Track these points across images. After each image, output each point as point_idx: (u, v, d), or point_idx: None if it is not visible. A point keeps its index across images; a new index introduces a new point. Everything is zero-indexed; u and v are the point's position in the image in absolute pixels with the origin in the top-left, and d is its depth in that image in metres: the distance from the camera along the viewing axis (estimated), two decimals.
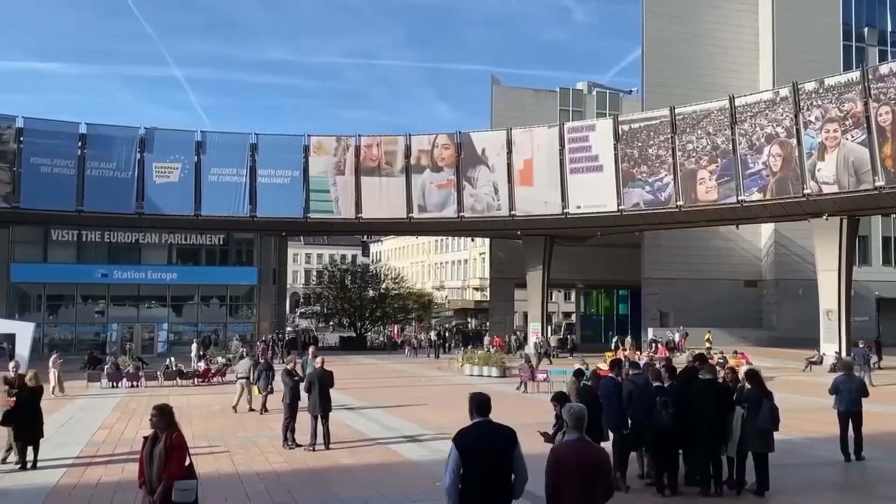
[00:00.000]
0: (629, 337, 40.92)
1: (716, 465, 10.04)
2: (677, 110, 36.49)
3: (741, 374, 11.13)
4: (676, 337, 40.93)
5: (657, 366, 12.86)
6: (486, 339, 44.37)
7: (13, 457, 12.04)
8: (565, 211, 39.50)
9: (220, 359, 31.49)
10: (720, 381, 10.88)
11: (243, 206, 42.29)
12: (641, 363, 15.08)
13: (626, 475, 10.38)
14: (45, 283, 42.58)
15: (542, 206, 40.06)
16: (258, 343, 38.03)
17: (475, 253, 76.25)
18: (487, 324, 53.54)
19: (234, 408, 18.75)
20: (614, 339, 41.52)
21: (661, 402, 9.84)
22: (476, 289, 75.70)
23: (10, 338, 29.46)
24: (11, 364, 14.53)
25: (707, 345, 36.10)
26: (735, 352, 31.04)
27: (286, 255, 51.93)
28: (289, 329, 53.51)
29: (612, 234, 44.02)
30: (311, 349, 14.63)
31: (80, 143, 40.42)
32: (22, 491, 10.53)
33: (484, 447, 5.48)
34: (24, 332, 28.29)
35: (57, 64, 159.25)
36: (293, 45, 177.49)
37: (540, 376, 24.62)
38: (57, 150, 39.90)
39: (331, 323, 56.55)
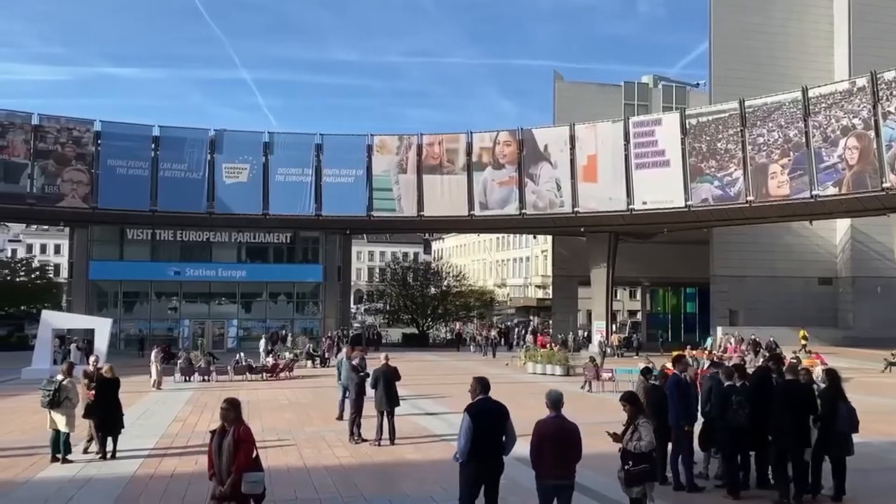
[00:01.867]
0: (710, 338, 40.14)
1: (800, 471, 9.56)
2: (747, 103, 35.43)
3: (815, 376, 10.74)
4: (732, 342, 39.27)
5: (728, 365, 12.53)
6: (529, 338, 42.91)
7: (94, 447, 12.58)
8: (630, 207, 38.84)
9: (287, 354, 32.20)
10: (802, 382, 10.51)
11: (309, 205, 43.13)
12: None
13: (690, 474, 10.11)
14: (121, 280, 44.38)
15: (607, 202, 39.51)
16: (324, 339, 38.67)
17: (537, 250, 75.70)
18: (550, 322, 53.04)
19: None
20: (708, 340, 40.46)
21: (737, 402, 9.59)
22: (538, 286, 75.18)
23: (90, 333, 30.74)
24: (92, 358, 15.19)
25: (803, 342, 35.05)
26: (808, 352, 29.97)
27: (350, 252, 52.63)
28: (356, 325, 54.30)
29: (680, 230, 43.03)
30: (344, 349, 14.66)
31: (153, 145, 41.94)
32: (103, 479, 10.99)
33: (487, 417, 7.37)
34: (102, 328, 29.42)
35: (132, 69, 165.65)
36: (357, 45, 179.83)
37: (605, 375, 24.28)
38: (132, 152, 41.51)
39: (390, 319, 56.94)
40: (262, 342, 34.85)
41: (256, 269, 46.34)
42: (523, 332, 53.62)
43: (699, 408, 10.67)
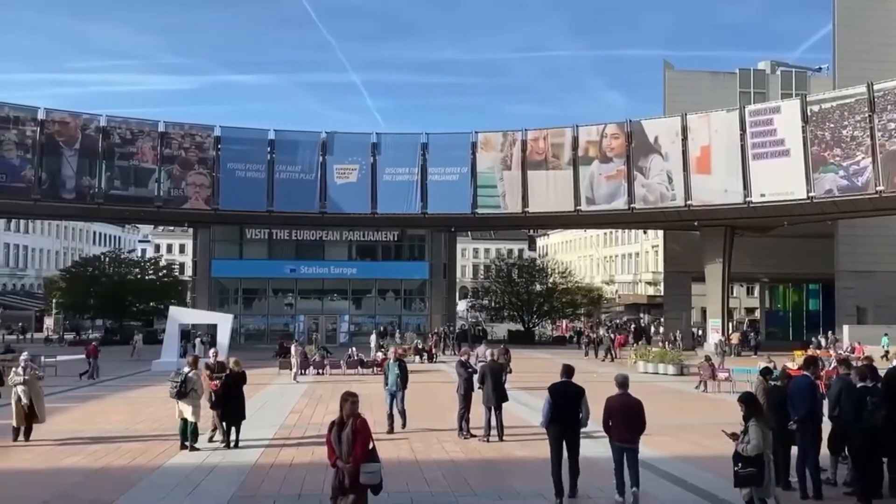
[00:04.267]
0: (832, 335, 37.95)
1: None
2: (876, 86, 33.10)
3: None
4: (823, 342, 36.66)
5: (857, 365, 11.74)
6: (607, 336, 41.51)
7: (218, 436, 13.30)
8: (748, 200, 37.11)
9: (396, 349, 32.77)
10: None
11: (415, 203, 43.81)
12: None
13: (817, 480, 9.51)
14: (240, 277, 46.75)
15: (722, 194, 37.90)
16: (431, 336, 39.19)
17: (647, 246, 73.69)
18: (662, 319, 51.50)
19: None
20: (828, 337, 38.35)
21: (873, 403, 8.98)
22: (649, 283, 73.18)
23: (213, 328, 32.48)
24: (212, 351, 16.09)
25: None
26: None
27: (455, 250, 53.14)
28: (462, 322, 54.81)
29: (801, 223, 40.71)
30: (392, 349, 14.61)
31: (269, 149, 43.80)
32: (228, 467, 11.59)
33: (563, 394, 9.68)
34: (224, 323, 31.02)
35: (249, 76, 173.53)
36: (462, 43, 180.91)
37: (721, 375, 23.35)
38: (249, 155, 43.53)
39: (495, 315, 56.90)
40: (373, 337, 35.73)
41: (366, 266, 47.70)
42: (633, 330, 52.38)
43: (826, 410, 10.05)
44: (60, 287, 57.03)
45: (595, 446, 11.42)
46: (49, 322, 55.80)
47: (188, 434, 12.85)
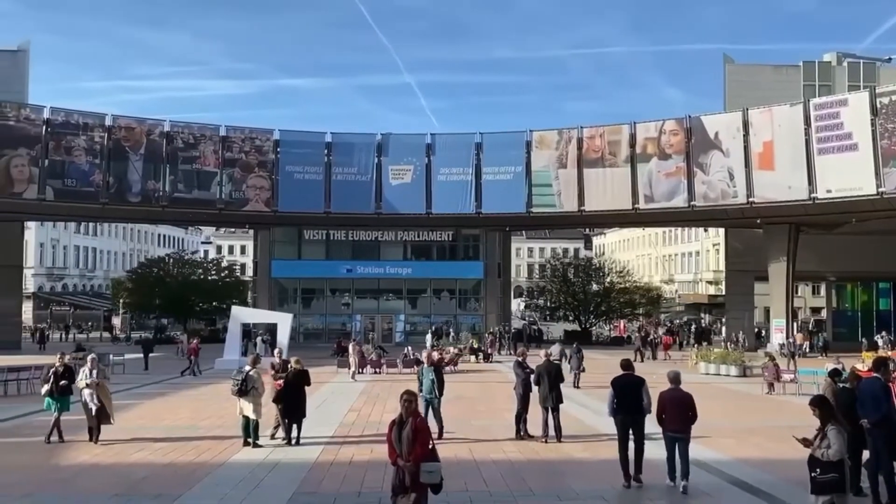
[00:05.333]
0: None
1: None
2: None
3: None
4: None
5: None
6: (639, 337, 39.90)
7: (280, 433, 13.56)
8: (813, 196, 35.87)
9: (451, 349, 32.93)
10: None
11: (469, 203, 43.79)
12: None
13: (892, 487, 9.11)
14: (299, 278, 47.61)
15: (786, 191, 36.75)
16: (486, 335, 39.15)
17: (708, 244, 72.01)
18: (724, 319, 50.26)
19: None
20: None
21: None
22: (710, 282, 71.49)
23: (273, 327, 33.10)
24: (276, 351, 16.41)
25: None
26: None
27: (510, 249, 52.98)
28: (524, 322, 54.67)
29: (870, 220, 39.12)
30: (425, 353, 14.35)
31: (326, 151, 44.41)
32: (289, 464, 11.81)
33: (625, 386, 10.70)
34: (284, 322, 31.60)
35: (306, 79, 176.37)
36: (517, 42, 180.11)
37: (787, 377, 22.67)
38: (307, 158, 44.24)
39: (551, 315, 56.46)
40: (428, 337, 35.89)
41: (421, 266, 48.00)
42: (692, 330, 51.39)
43: None
44: (127, 287, 59.09)
45: (653, 448, 11.21)
46: (117, 321, 57.87)
47: (250, 431, 13.15)
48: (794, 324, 43.16)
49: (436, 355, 14.68)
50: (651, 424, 10.97)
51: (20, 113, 39.14)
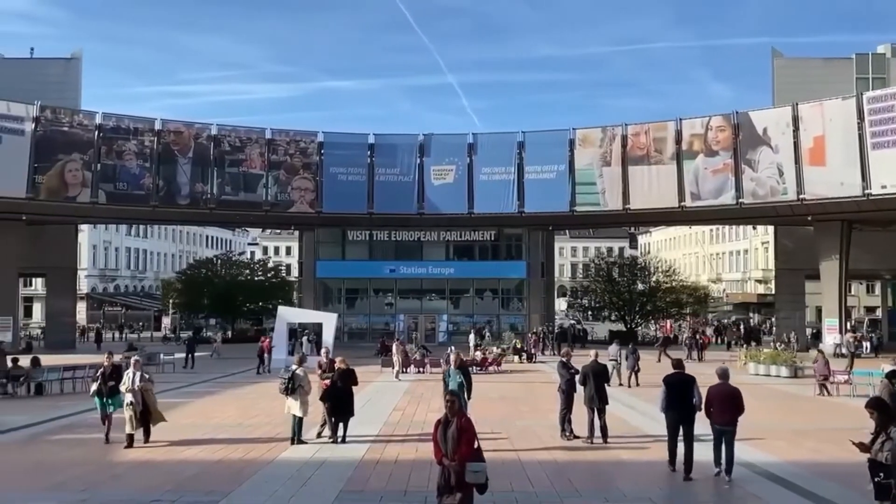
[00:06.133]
0: None
1: None
2: None
3: None
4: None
5: None
6: (685, 336, 39.01)
7: (327, 431, 13.71)
8: (867, 192, 34.83)
9: (495, 349, 32.85)
10: None
11: (512, 202, 43.63)
12: None
13: None
14: (343, 278, 48.06)
15: (838, 187, 35.77)
16: (530, 335, 38.96)
17: (757, 242, 70.48)
18: (773, 319, 49.11)
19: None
20: None
21: None
22: (759, 281, 69.95)
23: (318, 326, 33.47)
24: (323, 350, 16.59)
25: None
26: None
27: (553, 248, 52.62)
28: (572, 321, 54.27)
29: None
30: (452, 356, 14.05)
31: (369, 152, 44.73)
32: (336, 462, 11.94)
33: (677, 384, 11.08)
34: (329, 322, 31.93)
35: (349, 81, 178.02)
36: (559, 39, 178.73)
37: (840, 378, 22.05)
38: (350, 159, 44.65)
39: (596, 315, 55.87)
40: (471, 336, 35.85)
41: (463, 266, 48.01)
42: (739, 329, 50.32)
43: None
44: (177, 288, 60.50)
45: (701, 448, 11.04)
46: (166, 321, 59.24)
47: (296, 428, 13.35)
48: (848, 323, 41.98)
49: (453, 357, 14.37)
50: (700, 426, 10.85)
51: (73, 119, 40.34)
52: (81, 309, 58.39)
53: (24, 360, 23.07)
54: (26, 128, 37.98)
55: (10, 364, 21.94)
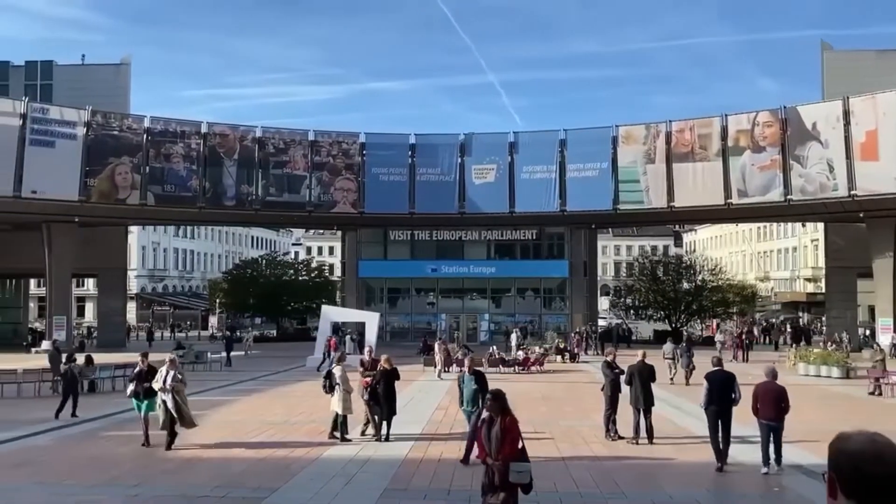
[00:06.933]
0: None
1: None
2: None
3: None
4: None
5: None
6: (719, 337, 37.70)
7: (370, 430, 13.83)
8: None
9: (537, 349, 32.71)
10: None
11: (553, 201, 43.36)
12: None
13: None
14: (385, 277, 48.35)
15: (891, 182, 34.63)
16: (573, 335, 38.67)
17: (806, 240, 68.75)
18: (824, 318, 47.86)
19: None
20: None
21: None
22: (808, 280, 68.25)
23: (361, 325, 33.79)
24: (366, 349, 16.72)
25: None
26: None
27: (596, 247, 52.12)
28: (619, 321, 53.71)
29: None
30: (467, 360, 13.69)
31: (410, 153, 44.96)
32: (380, 460, 12.03)
33: (718, 381, 11.56)
34: (371, 321, 32.19)
35: (391, 82, 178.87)
36: (601, 36, 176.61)
37: (894, 378, 21.42)
38: (392, 159, 44.95)
39: (640, 314, 55.15)
40: (514, 336, 35.77)
41: (505, 265, 47.89)
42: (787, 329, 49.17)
43: None
44: (223, 288, 61.64)
45: (748, 450, 10.83)
46: (213, 320, 60.41)
47: (339, 426, 13.52)
48: None
49: (467, 361, 13.85)
50: (749, 428, 10.65)
51: (123, 123, 41.38)
52: (131, 308, 59.93)
53: (78, 359, 23.71)
54: (78, 132, 39.09)
55: (64, 362, 22.59)
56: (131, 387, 13.71)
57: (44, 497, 9.98)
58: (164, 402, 12.83)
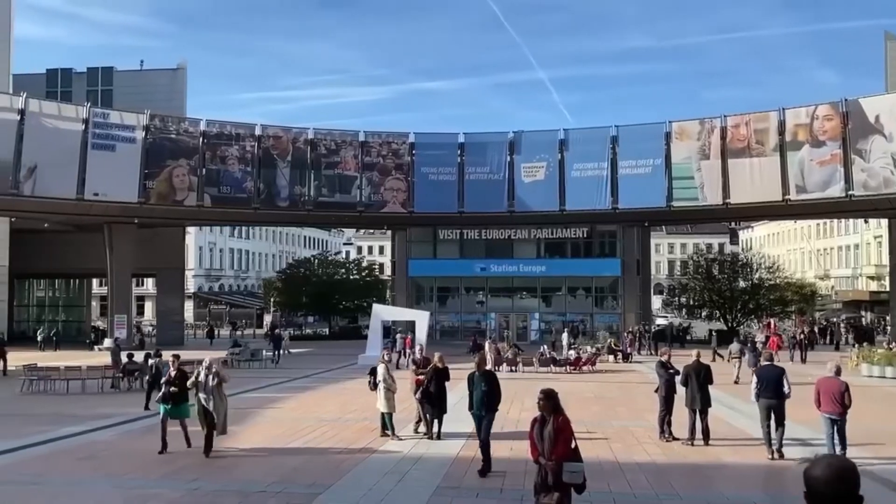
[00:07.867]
0: None
1: None
2: None
3: None
4: None
5: None
6: (760, 337, 36.64)
7: (422, 427, 13.91)
8: None
9: (588, 348, 32.40)
10: None
11: (605, 198, 42.86)
12: None
13: None
14: (435, 276, 48.54)
15: None
16: (625, 335, 38.18)
17: (868, 236, 66.39)
18: (888, 318, 46.17)
19: None
20: None
21: None
22: (871, 277, 65.90)
23: (411, 324, 33.96)
24: (417, 348, 16.83)
25: None
26: None
27: (649, 245, 51.30)
28: (676, 320, 52.86)
29: None
30: (477, 360, 12.90)
31: (459, 152, 45.03)
32: (432, 458, 12.11)
33: (766, 375, 12.14)
34: (421, 320, 32.34)
35: (440, 82, 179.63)
36: (654, 30, 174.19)
37: None
38: (441, 159, 45.11)
39: (695, 314, 54.06)
40: (565, 335, 35.50)
41: (555, 263, 47.52)
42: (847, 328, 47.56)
43: None
44: (277, 287, 62.76)
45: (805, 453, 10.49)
46: (268, 319, 61.54)
47: (388, 423, 13.69)
48: None
49: (478, 360, 13.23)
50: (804, 428, 10.35)
51: (180, 126, 42.54)
52: (189, 307, 61.46)
53: (138, 356, 24.45)
54: (137, 136, 40.27)
55: (125, 359, 23.34)
56: (159, 393, 13.18)
57: (107, 490, 10.33)
58: (202, 402, 12.34)
